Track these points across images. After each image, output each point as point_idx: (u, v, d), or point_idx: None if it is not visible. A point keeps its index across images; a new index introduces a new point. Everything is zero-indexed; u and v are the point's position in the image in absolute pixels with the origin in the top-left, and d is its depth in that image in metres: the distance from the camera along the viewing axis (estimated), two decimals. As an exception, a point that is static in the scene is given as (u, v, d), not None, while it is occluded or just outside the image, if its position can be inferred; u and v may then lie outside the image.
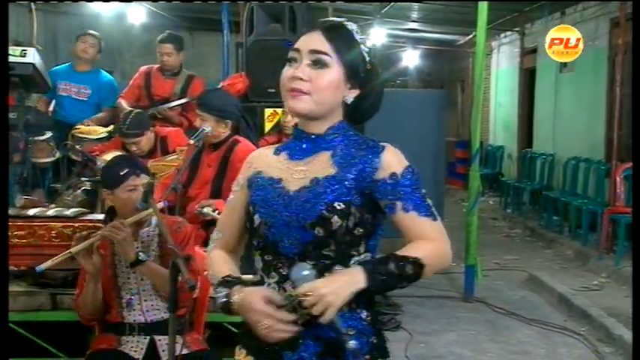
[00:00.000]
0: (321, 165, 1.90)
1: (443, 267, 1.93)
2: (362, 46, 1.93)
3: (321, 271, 1.82)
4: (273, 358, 1.88)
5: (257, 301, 1.81)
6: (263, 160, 1.99)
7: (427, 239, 1.87)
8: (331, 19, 1.99)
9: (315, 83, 1.85)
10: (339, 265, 1.84)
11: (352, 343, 1.79)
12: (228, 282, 1.90)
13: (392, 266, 1.81)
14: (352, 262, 1.86)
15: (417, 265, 1.83)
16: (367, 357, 1.88)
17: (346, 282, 1.77)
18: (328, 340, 1.85)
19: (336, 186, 1.85)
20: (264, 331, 1.80)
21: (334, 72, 1.87)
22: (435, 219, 1.90)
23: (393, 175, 1.87)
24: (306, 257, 1.83)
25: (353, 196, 1.85)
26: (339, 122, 1.94)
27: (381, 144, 1.92)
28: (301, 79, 1.85)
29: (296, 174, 1.91)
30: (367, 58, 1.93)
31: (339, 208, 1.82)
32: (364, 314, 1.90)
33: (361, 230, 1.86)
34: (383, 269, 1.80)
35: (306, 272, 1.77)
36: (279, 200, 1.88)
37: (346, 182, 1.85)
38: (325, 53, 1.87)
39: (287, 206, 1.86)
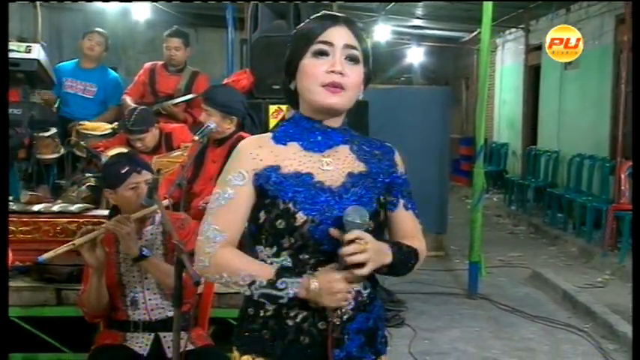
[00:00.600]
0: (346, 159, 1.91)
1: (419, 264, 2.01)
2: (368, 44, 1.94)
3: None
4: (320, 358, 1.84)
5: (339, 281, 1.78)
6: (270, 151, 1.89)
7: (416, 238, 1.99)
8: (338, 14, 1.96)
9: (352, 79, 1.85)
10: None
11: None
12: (289, 272, 1.82)
13: (405, 251, 1.91)
14: None
15: (416, 256, 1.95)
16: (383, 340, 1.97)
17: (383, 251, 1.83)
18: (367, 331, 1.89)
19: (377, 181, 1.91)
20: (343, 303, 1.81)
21: (362, 69, 1.89)
22: (418, 219, 2.03)
23: (401, 174, 1.97)
24: None
25: (384, 190, 1.93)
26: (345, 120, 1.97)
27: (388, 144, 2.01)
28: (341, 73, 1.83)
29: (324, 166, 1.89)
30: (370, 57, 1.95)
31: (382, 201, 1.91)
32: (380, 302, 1.97)
33: (384, 222, 1.94)
34: (401, 252, 1.89)
35: (363, 219, 1.78)
36: (324, 195, 1.84)
37: (379, 177, 1.92)
38: (357, 49, 1.87)
39: (337, 202, 1.83)
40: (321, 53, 1.85)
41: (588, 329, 5.68)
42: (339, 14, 1.95)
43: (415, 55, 17.11)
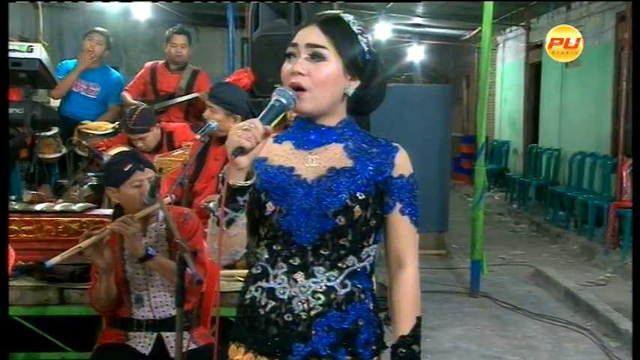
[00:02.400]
0: (335, 156, 1.90)
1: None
2: (360, 36, 1.91)
3: (335, 262, 1.85)
4: (282, 351, 1.85)
5: (233, 127, 1.73)
6: (267, 147, 1.90)
7: (409, 262, 1.93)
8: (328, 11, 1.96)
9: (314, 77, 1.84)
10: (352, 255, 1.87)
11: None
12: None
13: (415, 348, 1.92)
14: (363, 253, 1.89)
15: (420, 322, 1.94)
16: (374, 348, 1.91)
17: None
18: (341, 331, 1.86)
19: (358, 176, 1.87)
20: (237, 141, 1.69)
21: (332, 64, 1.86)
22: (417, 230, 1.96)
23: (401, 176, 1.92)
24: (321, 246, 1.84)
25: (371, 187, 1.88)
26: (348, 117, 1.95)
27: (395, 144, 1.95)
28: (300, 73, 1.83)
29: (308, 163, 1.89)
30: (366, 48, 1.92)
31: (360, 198, 1.86)
32: (371, 305, 1.92)
33: (374, 222, 1.89)
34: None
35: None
36: (297, 188, 1.86)
37: (366, 174, 1.88)
38: (322, 46, 1.86)
39: (307, 194, 1.85)
40: (289, 55, 1.88)
41: (590, 327, 5.68)
42: (324, 13, 1.94)
43: (416, 54, 17.10)
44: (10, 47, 4.61)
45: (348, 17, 1.93)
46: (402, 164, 1.93)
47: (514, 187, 11.70)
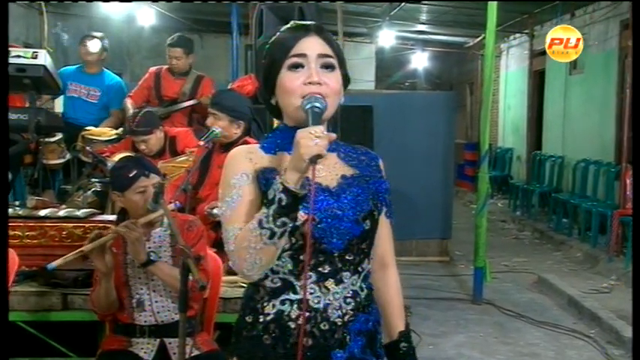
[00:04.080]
0: (336, 165, 1.93)
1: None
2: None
3: (357, 266, 1.88)
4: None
5: (300, 132, 1.71)
6: (261, 156, 1.90)
7: (391, 260, 2.04)
8: (307, 22, 1.97)
9: (331, 86, 1.85)
10: (367, 258, 1.92)
11: None
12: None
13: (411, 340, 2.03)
14: (371, 255, 1.94)
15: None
16: (384, 346, 1.97)
17: None
18: (367, 333, 1.89)
19: (370, 182, 1.94)
20: (315, 147, 1.69)
21: (339, 74, 1.90)
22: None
23: (386, 181, 1.98)
24: (347, 252, 1.86)
25: (374, 192, 1.94)
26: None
27: (372, 151, 2.04)
28: (319, 83, 1.84)
29: (318, 172, 1.82)
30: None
31: (375, 202, 1.92)
32: (376, 306, 1.96)
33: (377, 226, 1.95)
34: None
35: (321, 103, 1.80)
36: (325, 195, 1.86)
37: (370, 180, 1.94)
38: (331, 56, 1.88)
39: (337, 201, 1.86)
40: (297, 66, 1.87)
41: (594, 335, 5.67)
42: (309, 22, 1.95)
43: (419, 61, 17.14)
44: (15, 53, 4.64)
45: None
46: (384, 169, 2.02)
47: (517, 194, 11.69)
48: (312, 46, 1.87)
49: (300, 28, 1.91)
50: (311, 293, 1.84)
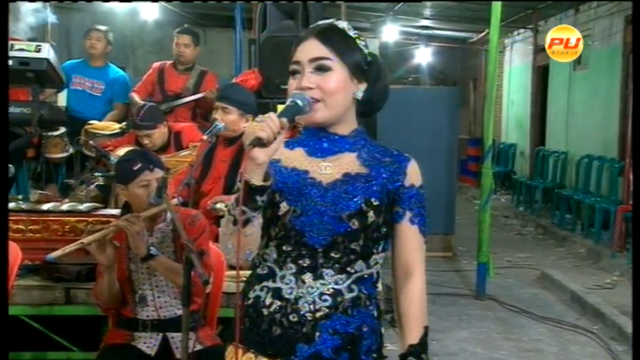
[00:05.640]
0: (349, 164, 1.92)
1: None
2: (358, 40, 1.94)
3: (345, 265, 1.86)
4: (286, 351, 1.85)
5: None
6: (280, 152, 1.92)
7: (415, 269, 1.95)
8: (321, 22, 1.97)
9: (324, 88, 1.86)
10: (362, 261, 1.88)
11: None
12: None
13: (424, 357, 1.92)
14: (372, 259, 1.90)
15: (427, 331, 1.95)
16: (375, 355, 1.91)
17: None
18: (345, 335, 1.85)
19: (373, 183, 1.90)
20: (258, 129, 1.71)
21: (338, 73, 1.89)
22: (425, 239, 1.98)
23: (412, 186, 1.94)
24: (332, 249, 1.85)
25: (384, 195, 1.90)
26: (360, 127, 1.97)
27: (406, 155, 1.98)
28: (309, 88, 1.85)
29: (322, 169, 1.91)
30: (366, 51, 1.95)
31: (375, 204, 1.88)
32: (375, 312, 1.92)
33: (384, 230, 1.91)
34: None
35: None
36: (312, 189, 1.87)
37: (380, 181, 1.91)
38: (326, 58, 1.88)
39: (322, 196, 1.86)
40: (294, 72, 1.90)
41: (597, 330, 5.67)
42: (321, 24, 1.95)
43: (423, 56, 17.09)
44: (18, 47, 4.62)
45: (343, 24, 1.95)
46: (413, 174, 1.95)
47: (521, 189, 11.68)
48: (305, 51, 1.89)
49: (306, 32, 1.94)
50: (286, 284, 1.86)
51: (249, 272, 1.97)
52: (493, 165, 7.31)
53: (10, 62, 4.14)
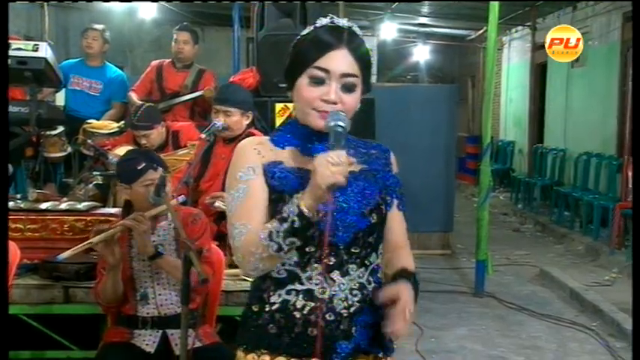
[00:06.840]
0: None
1: None
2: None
3: (363, 259, 1.90)
4: (326, 350, 1.84)
5: (318, 159, 1.74)
6: (270, 149, 1.92)
7: (404, 244, 2.05)
8: (342, 24, 1.89)
9: (347, 105, 1.86)
10: (374, 252, 1.93)
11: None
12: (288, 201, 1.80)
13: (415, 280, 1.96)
14: (379, 250, 1.95)
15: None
16: (391, 341, 1.96)
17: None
18: (374, 326, 1.89)
19: (379, 176, 1.96)
20: (332, 177, 1.71)
21: (359, 91, 1.90)
22: (406, 222, 2.06)
23: (396, 174, 2.01)
24: (353, 244, 1.88)
25: (383, 186, 1.96)
26: None
27: (383, 145, 2.04)
28: (334, 102, 1.84)
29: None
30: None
31: (383, 196, 1.94)
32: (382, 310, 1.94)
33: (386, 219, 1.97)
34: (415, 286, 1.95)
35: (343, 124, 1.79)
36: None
37: (378, 174, 1.96)
38: (355, 75, 1.87)
39: (342, 194, 1.83)
40: (317, 79, 1.85)
41: (596, 327, 5.67)
42: (345, 27, 1.88)
43: (421, 54, 17.08)
44: (16, 46, 4.62)
45: (359, 31, 1.92)
46: (395, 162, 2.03)
47: (519, 187, 11.68)
48: (338, 63, 1.85)
49: (333, 36, 1.86)
50: (316, 284, 1.86)
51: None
52: (491, 162, 7.31)
53: (8, 61, 4.14)
